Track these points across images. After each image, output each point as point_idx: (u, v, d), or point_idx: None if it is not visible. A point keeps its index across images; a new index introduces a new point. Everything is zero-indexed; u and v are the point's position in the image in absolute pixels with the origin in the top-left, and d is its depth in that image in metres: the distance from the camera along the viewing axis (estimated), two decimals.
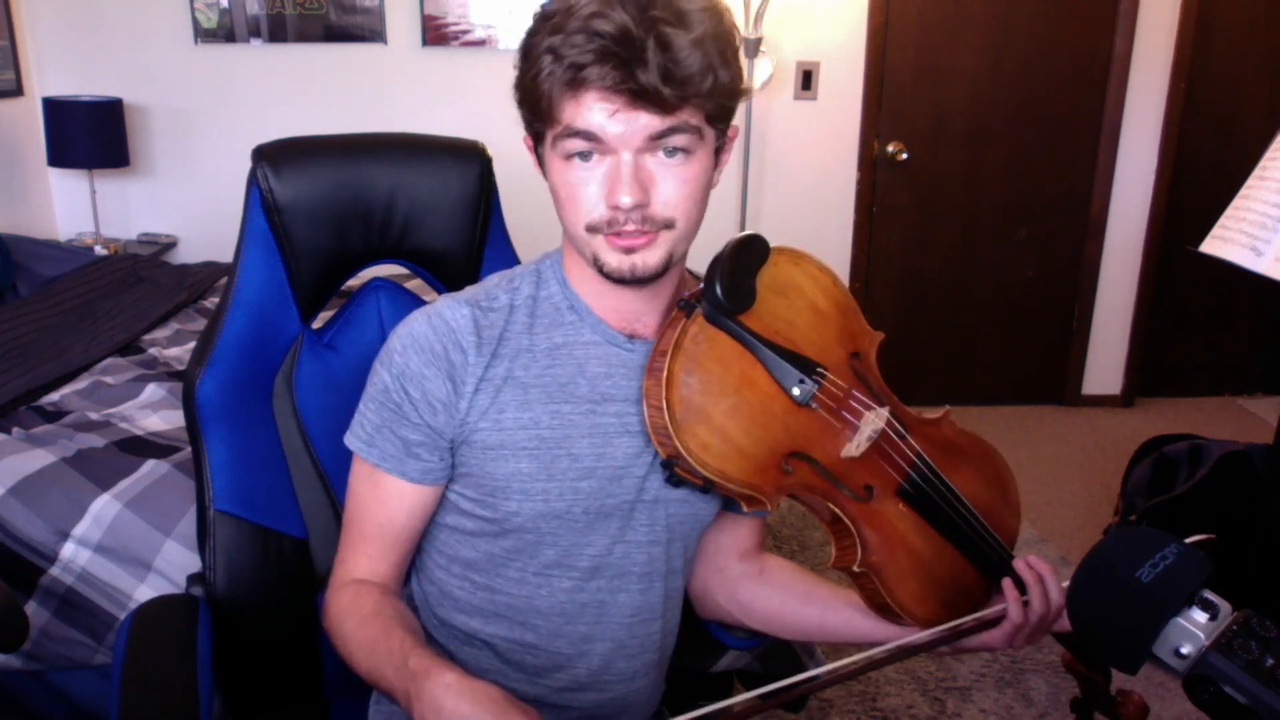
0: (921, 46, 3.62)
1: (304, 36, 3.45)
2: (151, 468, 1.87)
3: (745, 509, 0.98)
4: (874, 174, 3.72)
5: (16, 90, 3.37)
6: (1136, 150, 3.74)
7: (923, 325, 3.91)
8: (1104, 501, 2.98)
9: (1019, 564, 1.05)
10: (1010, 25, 3.61)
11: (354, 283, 1.36)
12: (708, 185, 0.95)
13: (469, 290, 1.04)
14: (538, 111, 0.90)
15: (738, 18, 3.38)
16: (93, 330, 2.62)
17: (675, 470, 0.95)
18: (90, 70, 3.44)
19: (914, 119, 3.68)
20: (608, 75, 0.85)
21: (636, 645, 1.07)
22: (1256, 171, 1.90)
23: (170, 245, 3.59)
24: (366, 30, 3.46)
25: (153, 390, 2.27)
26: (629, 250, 0.92)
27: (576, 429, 0.99)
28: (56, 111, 3.25)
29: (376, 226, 1.27)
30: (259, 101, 3.49)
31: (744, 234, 0.98)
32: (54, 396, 2.23)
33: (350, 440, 1.03)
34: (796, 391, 0.97)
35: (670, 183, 0.91)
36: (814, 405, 0.98)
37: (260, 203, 1.20)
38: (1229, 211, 1.91)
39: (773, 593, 1.14)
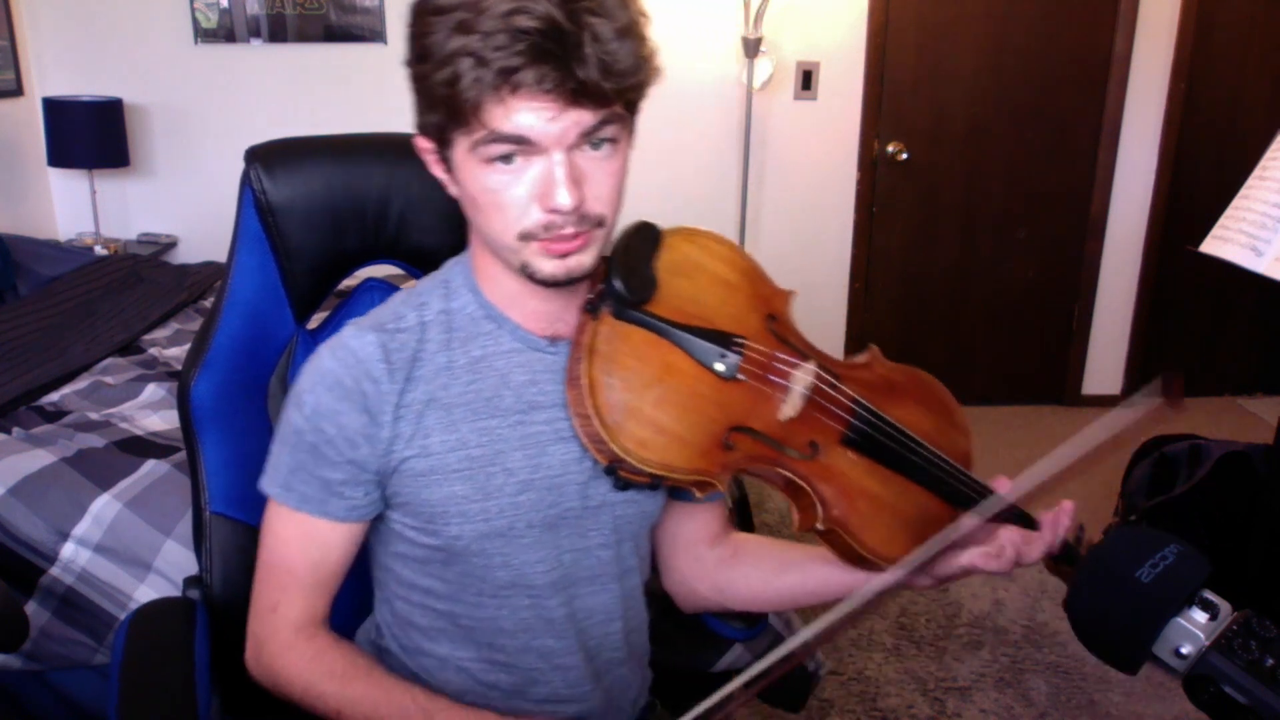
0: (921, 46, 3.61)
1: (304, 36, 3.46)
2: (151, 468, 1.87)
3: (698, 495, 0.96)
4: (874, 174, 3.72)
5: (16, 90, 3.37)
6: (1136, 150, 3.74)
7: (923, 325, 3.91)
8: (1104, 501, 2.97)
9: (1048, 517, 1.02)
10: (1010, 25, 3.61)
11: (349, 283, 1.36)
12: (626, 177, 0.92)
13: (374, 314, 0.99)
14: (454, 117, 0.84)
15: (738, 17, 3.39)
16: (93, 330, 2.62)
17: (620, 474, 0.93)
18: (90, 70, 3.44)
19: (914, 119, 3.68)
20: (546, 76, 0.80)
21: (605, 648, 1.06)
22: (1256, 171, 1.90)
23: (170, 245, 3.59)
24: (366, 30, 3.46)
25: (153, 390, 2.27)
26: (564, 255, 0.88)
27: (507, 443, 0.95)
28: (56, 111, 3.25)
29: (371, 226, 1.26)
30: (259, 101, 3.49)
31: (631, 224, 0.96)
32: (54, 396, 2.23)
33: (266, 485, 0.98)
34: (720, 367, 0.95)
35: (601, 177, 0.87)
36: (741, 376, 0.96)
37: (253, 204, 1.20)
38: (1229, 211, 1.91)
39: (750, 570, 1.13)
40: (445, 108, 0.84)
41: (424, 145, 0.92)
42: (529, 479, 0.96)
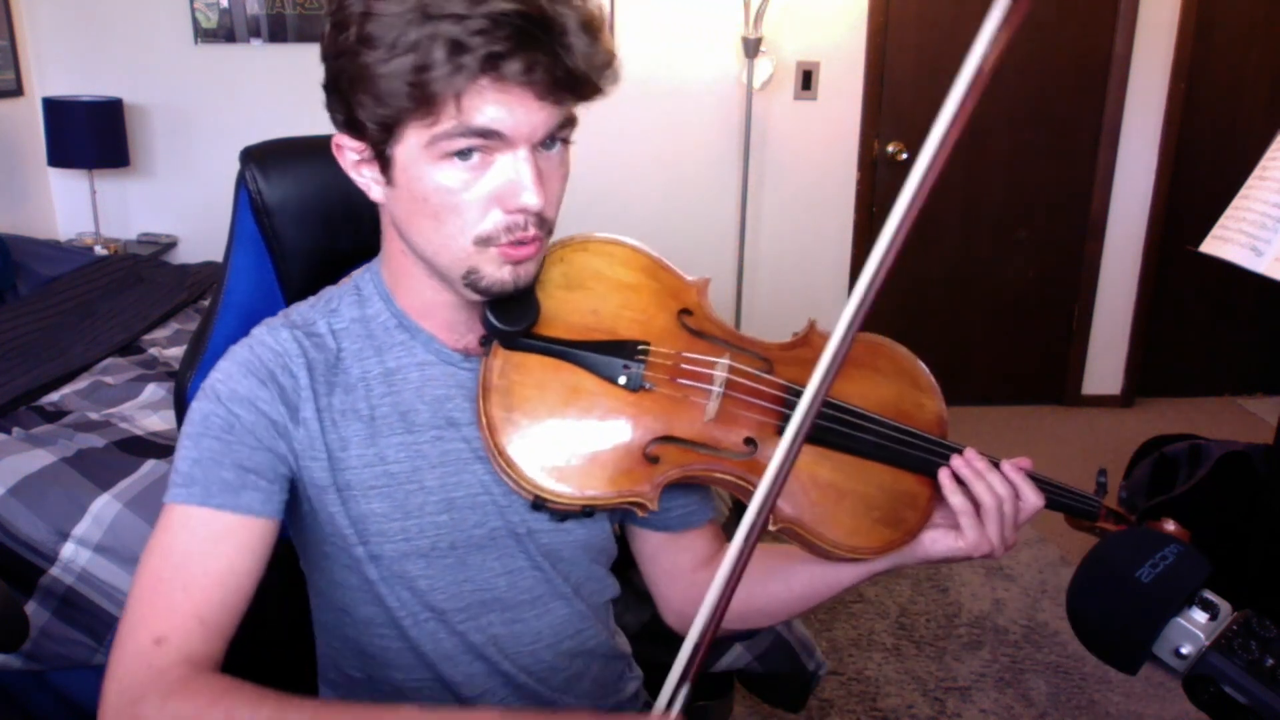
0: (921, 46, 3.62)
1: (304, 36, 3.45)
2: (151, 468, 1.87)
3: (640, 515, 0.90)
4: (874, 174, 3.72)
5: (16, 90, 3.37)
6: (1136, 150, 3.74)
7: (922, 325, 3.90)
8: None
9: (956, 461, 0.95)
10: None
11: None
12: None
13: (282, 315, 0.94)
14: (419, 108, 0.77)
15: (738, 17, 3.40)
16: (93, 330, 2.62)
17: (548, 508, 0.88)
18: (90, 70, 3.44)
19: (914, 119, 3.68)
20: (536, 64, 0.74)
21: (556, 670, 1.00)
22: (1256, 171, 1.90)
23: (170, 245, 3.60)
24: None
25: (153, 390, 2.27)
26: (518, 261, 0.83)
27: (425, 459, 0.90)
28: (56, 111, 3.26)
29: (365, 226, 1.26)
30: (259, 101, 3.49)
31: None
32: (54, 396, 2.23)
33: (168, 493, 0.86)
34: (623, 380, 0.89)
35: (554, 180, 0.83)
36: (648, 385, 0.91)
37: (249, 204, 1.19)
38: (1229, 211, 1.91)
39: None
40: (405, 98, 0.76)
41: (351, 144, 0.85)
42: (448, 498, 0.91)
